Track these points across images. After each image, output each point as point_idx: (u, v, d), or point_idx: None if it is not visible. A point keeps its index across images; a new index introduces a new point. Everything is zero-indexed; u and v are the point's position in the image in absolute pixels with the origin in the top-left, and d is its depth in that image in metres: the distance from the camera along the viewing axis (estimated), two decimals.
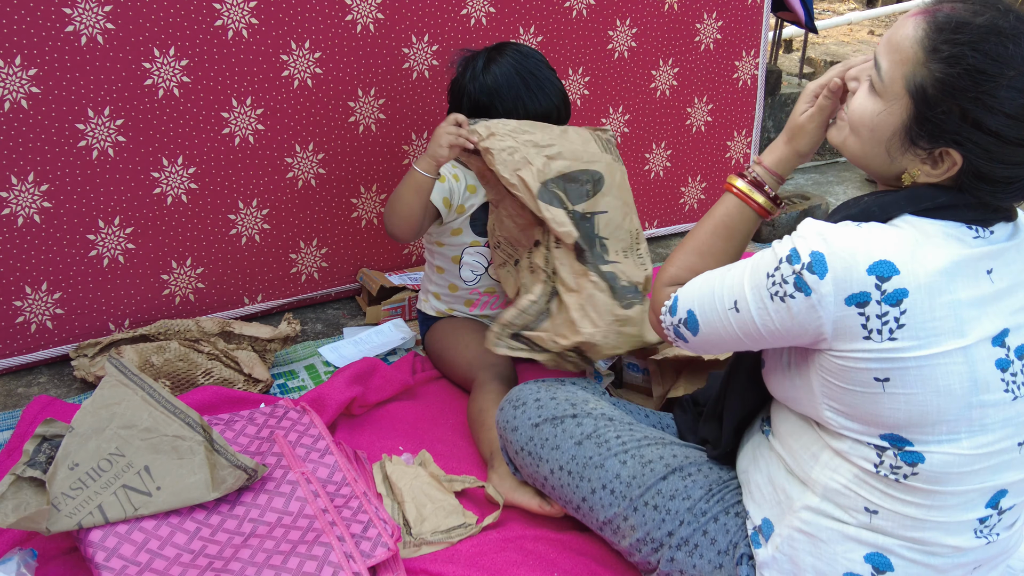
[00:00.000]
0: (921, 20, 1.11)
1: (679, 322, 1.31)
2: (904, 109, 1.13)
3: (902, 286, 1.08)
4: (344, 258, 2.41)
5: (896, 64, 1.13)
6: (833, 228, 1.13)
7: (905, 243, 1.10)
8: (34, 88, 1.87)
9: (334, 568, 1.42)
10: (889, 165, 1.18)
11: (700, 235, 1.41)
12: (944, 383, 1.10)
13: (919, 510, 1.17)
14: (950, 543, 1.18)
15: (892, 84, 1.13)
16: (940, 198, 1.14)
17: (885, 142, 1.16)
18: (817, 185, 3.50)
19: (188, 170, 2.10)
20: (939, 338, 1.09)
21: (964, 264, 1.11)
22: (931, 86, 1.09)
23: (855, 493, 1.20)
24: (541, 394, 1.60)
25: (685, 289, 1.32)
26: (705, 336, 1.29)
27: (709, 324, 1.27)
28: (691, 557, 1.36)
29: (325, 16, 2.10)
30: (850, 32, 5.74)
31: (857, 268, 1.09)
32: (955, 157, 1.11)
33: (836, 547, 1.22)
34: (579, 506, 1.50)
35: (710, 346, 1.31)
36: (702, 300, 1.27)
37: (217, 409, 1.87)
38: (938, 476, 1.14)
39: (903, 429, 1.13)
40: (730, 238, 1.40)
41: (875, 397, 1.13)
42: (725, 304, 1.23)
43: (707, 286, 1.28)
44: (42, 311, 2.05)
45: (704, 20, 2.63)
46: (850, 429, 1.17)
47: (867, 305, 1.09)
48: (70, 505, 1.44)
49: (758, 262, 1.20)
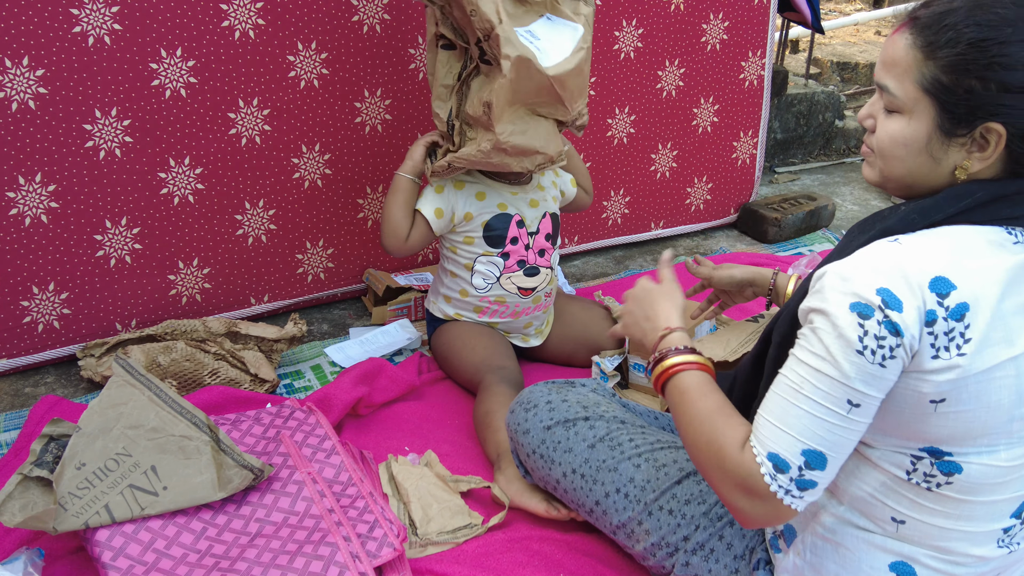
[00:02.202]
0: (905, 29, 1.13)
1: (799, 471, 1.09)
2: (928, 109, 1.11)
3: (962, 300, 1.05)
4: (350, 258, 2.41)
5: (901, 75, 1.12)
6: (872, 257, 1.08)
7: (952, 256, 1.08)
8: (41, 89, 1.87)
9: (340, 568, 1.42)
10: (937, 169, 1.15)
11: (700, 418, 1.21)
12: (995, 398, 1.08)
13: (947, 520, 1.15)
14: (975, 553, 1.17)
15: (907, 94, 1.12)
16: (979, 193, 1.11)
17: (925, 149, 1.14)
18: (824, 186, 3.49)
19: (195, 170, 2.10)
20: (994, 350, 1.07)
21: (1013, 272, 1.09)
22: (943, 74, 1.09)
23: (881, 503, 1.17)
24: (552, 396, 1.59)
25: (771, 441, 1.10)
26: (836, 458, 1.10)
27: (836, 445, 1.09)
28: (707, 562, 1.36)
29: (331, 17, 2.10)
30: (856, 32, 5.73)
31: (921, 287, 1.05)
32: (997, 128, 1.08)
33: (861, 555, 1.20)
34: (592, 509, 1.49)
35: (840, 464, 1.12)
36: (808, 431, 1.08)
37: (223, 409, 1.87)
38: (972, 487, 1.12)
39: (945, 443, 1.11)
40: (708, 396, 1.26)
41: (925, 417, 1.09)
42: (840, 413, 1.07)
43: (795, 419, 1.09)
44: (49, 311, 2.06)
45: (710, 20, 2.63)
46: (886, 442, 1.15)
47: (935, 324, 1.05)
48: (77, 505, 1.44)
49: (832, 351, 1.06)
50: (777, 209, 2.97)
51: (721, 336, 1.78)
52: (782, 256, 2.83)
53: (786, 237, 2.96)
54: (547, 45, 1.79)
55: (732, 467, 1.13)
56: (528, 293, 2.03)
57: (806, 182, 3.53)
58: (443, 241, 2.04)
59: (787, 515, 1.12)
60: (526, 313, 2.08)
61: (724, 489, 1.16)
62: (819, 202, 3.06)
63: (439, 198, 1.95)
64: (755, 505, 1.12)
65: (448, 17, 1.79)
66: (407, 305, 2.36)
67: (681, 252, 2.86)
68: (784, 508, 1.11)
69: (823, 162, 3.74)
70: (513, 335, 2.13)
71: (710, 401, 1.22)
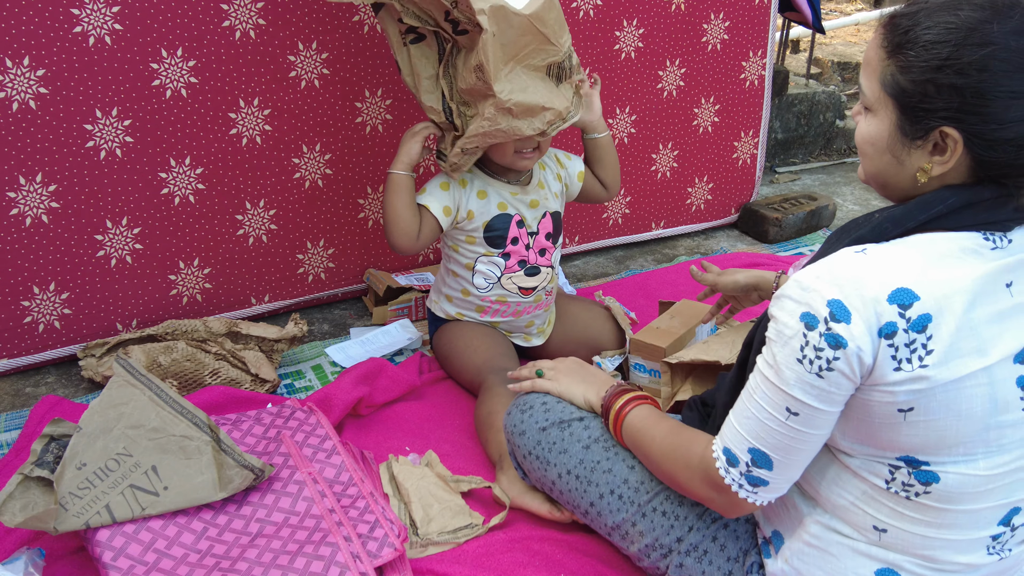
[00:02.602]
0: (879, 29, 1.14)
1: (747, 466, 1.16)
2: (891, 110, 1.12)
3: (925, 311, 1.04)
4: (351, 258, 2.41)
5: (870, 76, 1.14)
6: (833, 266, 1.08)
7: (917, 266, 1.07)
8: (42, 89, 1.87)
9: (340, 568, 1.42)
10: (902, 171, 1.15)
11: (663, 432, 1.35)
12: (966, 407, 1.07)
13: (929, 528, 1.15)
14: (961, 560, 1.17)
15: (873, 94, 1.14)
16: (951, 199, 1.10)
17: (887, 149, 1.15)
18: (824, 186, 3.49)
19: (195, 171, 2.10)
20: (964, 360, 1.06)
21: (983, 281, 1.08)
22: (901, 75, 1.09)
23: (862, 511, 1.18)
24: (548, 397, 1.59)
25: (727, 436, 1.18)
26: (783, 461, 1.14)
27: (779, 447, 1.13)
28: (700, 563, 1.36)
29: (332, 17, 2.10)
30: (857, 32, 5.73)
31: (878, 299, 1.04)
32: (953, 134, 1.08)
33: (847, 562, 1.21)
34: (587, 511, 1.49)
35: (793, 467, 1.16)
36: (754, 432, 1.14)
37: (224, 409, 1.87)
38: (951, 495, 1.12)
39: (919, 452, 1.11)
40: (665, 418, 1.40)
41: (895, 427, 1.09)
42: (779, 419, 1.11)
43: (745, 419, 1.16)
44: (50, 311, 2.06)
45: (711, 20, 2.63)
46: (862, 451, 1.15)
47: (895, 336, 1.04)
48: (78, 505, 1.44)
49: (777, 358, 1.10)
50: (778, 209, 2.97)
51: (725, 338, 1.79)
52: (783, 256, 2.82)
53: (787, 237, 2.96)
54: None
55: (696, 462, 1.24)
56: (529, 292, 2.03)
57: (807, 182, 3.53)
58: (445, 240, 2.04)
59: (746, 507, 1.21)
60: (527, 312, 2.07)
61: (693, 484, 1.25)
62: (820, 202, 3.05)
63: (446, 195, 1.93)
64: (718, 496, 1.22)
65: (407, 6, 1.77)
66: (408, 305, 2.36)
67: (682, 252, 2.86)
68: (741, 500, 1.19)
69: (824, 162, 3.74)
70: (515, 335, 2.12)
71: (670, 421, 1.37)
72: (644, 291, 2.53)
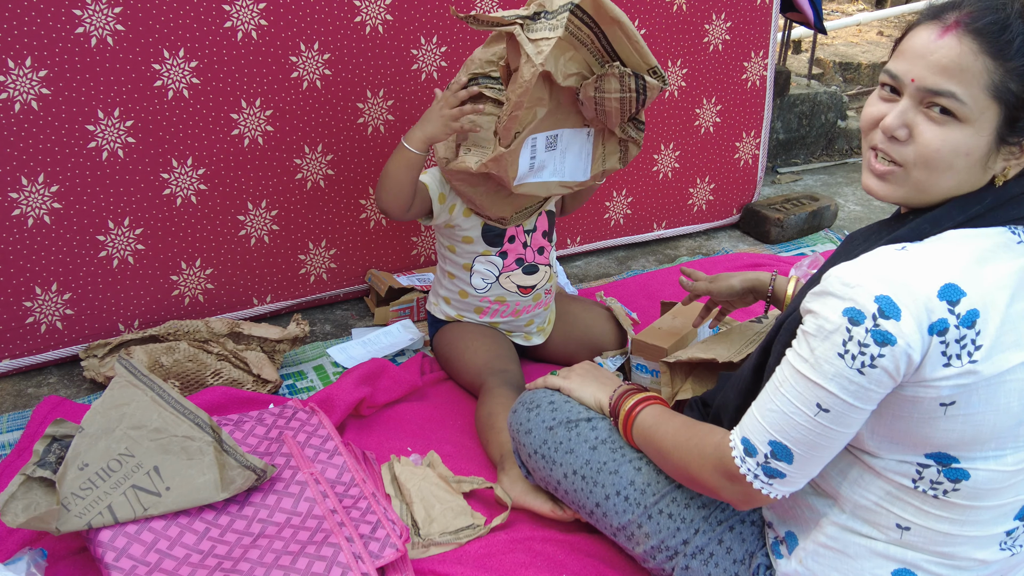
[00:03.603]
0: (958, 34, 1.08)
1: (765, 458, 1.15)
2: (993, 117, 1.09)
3: (972, 307, 1.05)
4: (353, 259, 2.41)
5: (968, 83, 1.08)
6: (877, 263, 1.07)
7: (960, 262, 1.07)
8: (44, 89, 1.88)
9: (343, 569, 1.42)
10: (983, 178, 1.13)
11: (676, 427, 1.35)
12: (1004, 401, 1.08)
13: (953, 525, 1.15)
14: (977, 556, 1.17)
15: (975, 101, 1.08)
16: (987, 198, 1.12)
17: (983, 158, 1.11)
18: (826, 186, 3.49)
19: (197, 171, 2.10)
20: (1006, 354, 1.07)
21: (1019, 274, 1.09)
22: (1012, 81, 1.07)
23: (886, 510, 1.18)
24: (555, 396, 1.59)
25: (746, 427, 1.17)
26: (804, 456, 1.13)
27: (803, 442, 1.12)
28: (706, 566, 1.36)
29: (334, 18, 2.10)
30: (859, 33, 5.73)
31: (929, 296, 1.04)
32: None
33: (864, 563, 1.21)
34: (592, 511, 1.49)
35: (813, 463, 1.15)
36: (777, 425, 1.13)
37: (226, 410, 1.87)
38: (979, 492, 1.13)
39: (953, 448, 1.11)
40: (677, 416, 1.39)
41: (933, 421, 1.09)
42: (807, 414, 1.10)
43: (770, 411, 1.14)
44: (52, 312, 2.06)
45: (713, 21, 2.63)
46: (890, 451, 1.15)
47: (947, 332, 1.04)
48: (80, 505, 1.44)
49: (816, 353, 1.08)
50: (779, 209, 2.97)
51: (725, 337, 1.78)
52: (784, 256, 2.82)
53: (788, 237, 2.96)
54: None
55: (711, 450, 1.22)
56: (528, 291, 2.03)
57: (808, 182, 3.53)
58: (442, 241, 2.03)
59: (759, 499, 1.19)
60: (527, 311, 2.07)
61: (705, 473, 1.23)
62: (821, 202, 3.05)
63: (444, 184, 1.92)
64: (730, 485, 1.20)
65: (596, 48, 1.68)
66: (409, 305, 2.36)
67: (683, 253, 2.86)
68: (755, 491, 1.17)
69: (825, 162, 3.74)
70: (515, 334, 2.12)
71: (683, 417, 1.36)
72: (646, 292, 2.53)
